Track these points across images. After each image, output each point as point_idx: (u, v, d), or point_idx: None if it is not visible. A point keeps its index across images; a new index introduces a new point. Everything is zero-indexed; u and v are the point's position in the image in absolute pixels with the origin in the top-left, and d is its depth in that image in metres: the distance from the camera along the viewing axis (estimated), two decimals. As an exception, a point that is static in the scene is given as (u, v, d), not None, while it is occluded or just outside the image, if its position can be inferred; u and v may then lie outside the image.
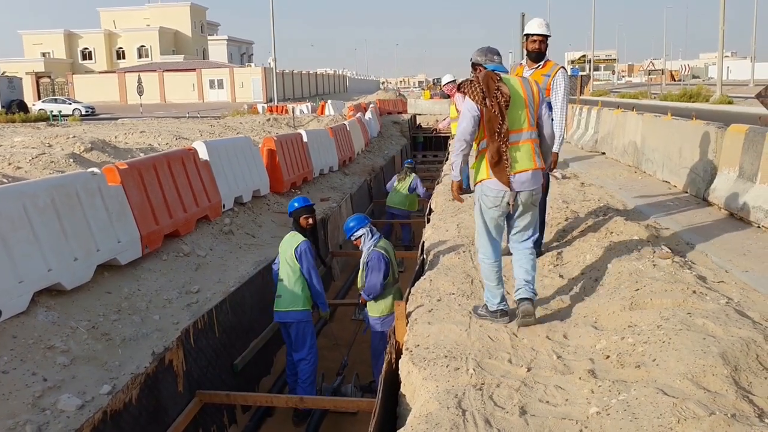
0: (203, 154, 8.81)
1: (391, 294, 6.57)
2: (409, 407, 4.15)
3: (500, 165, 4.24)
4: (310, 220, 6.84)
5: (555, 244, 6.46)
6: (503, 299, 4.55)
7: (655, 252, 5.36)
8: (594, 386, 3.43)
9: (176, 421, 5.02)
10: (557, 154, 5.72)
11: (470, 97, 4.31)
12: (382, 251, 6.57)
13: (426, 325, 4.74)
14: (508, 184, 4.25)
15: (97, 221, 6.15)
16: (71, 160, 12.12)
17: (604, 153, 13.60)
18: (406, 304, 5.40)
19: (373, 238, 6.71)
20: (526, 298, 4.39)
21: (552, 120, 4.73)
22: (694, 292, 4.38)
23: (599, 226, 6.47)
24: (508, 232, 4.65)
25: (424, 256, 7.23)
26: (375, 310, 6.60)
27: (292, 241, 6.60)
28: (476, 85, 4.30)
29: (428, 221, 9.30)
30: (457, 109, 9.87)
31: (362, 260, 6.66)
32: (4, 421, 4.04)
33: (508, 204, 4.33)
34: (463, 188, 9.84)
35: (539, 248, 6.16)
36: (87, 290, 5.91)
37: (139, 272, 6.66)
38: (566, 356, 3.94)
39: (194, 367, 5.49)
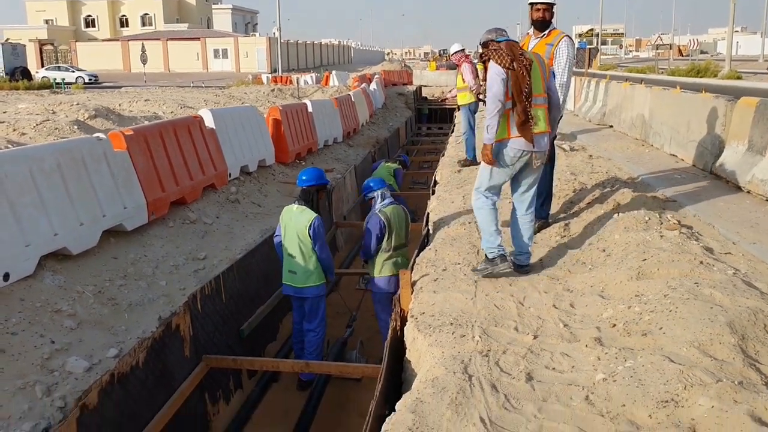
0: (209, 122, 8.77)
1: (383, 257, 6.69)
2: (414, 373, 4.17)
3: (527, 124, 4.54)
4: (322, 195, 6.87)
5: (562, 215, 6.44)
6: (501, 245, 4.82)
7: (662, 223, 5.34)
8: (600, 353, 3.44)
9: (182, 385, 5.06)
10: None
11: (497, 62, 4.52)
12: (382, 216, 6.65)
13: (431, 294, 4.75)
14: (532, 142, 4.57)
15: (103, 187, 6.14)
16: (75, 126, 12.12)
17: (611, 126, 13.51)
18: (411, 273, 5.41)
19: (382, 203, 6.83)
20: (527, 265, 4.98)
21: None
22: (701, 262, 4.37)
23: (607, 197, 6.45)
24: (513, 192, 5.00)
25: (429, 228, 7.22)
26: (376, 270, 6.79)
27: (303, 217, 6.41)
28: (502, 51, 4.55)
29: (433, 193, 9.28)
30: (463, 80, 9.79)
31: (366, 221, 6.90)
32: (14, 381, 4.08)
33: (528, 162, 4.71)
34: (469, 160, 9.89)
35: (546, 219, 6.15)
36: (93, 255, 5.92)
37: (145, 238, 6.67)
38: (573, 324, 3.95)
39: (201, 332, 5.53)
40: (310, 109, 12.97)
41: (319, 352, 6.42)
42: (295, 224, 6.43)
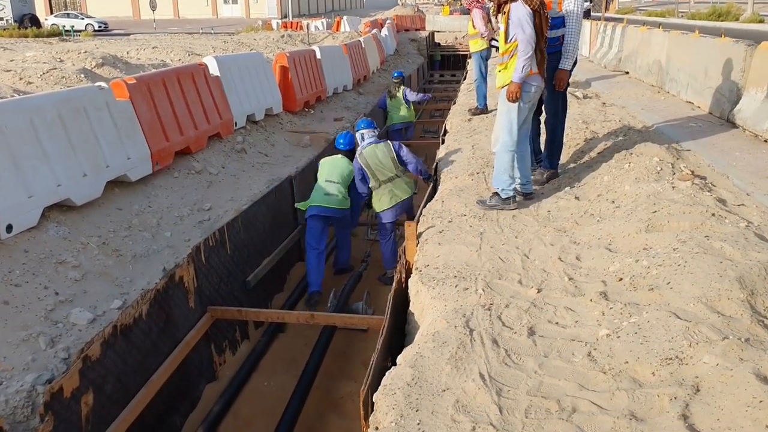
0: (214, 69, 8.60)
1: (378, 195, 7.22)
2: (417, 325, 4.15)
3: (542, 62, 5.05)
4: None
5: (572, 165, 6.31)
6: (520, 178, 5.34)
7: (674, 174, 5.21)
8: (605, 308, 3.37)
9: (187, 336, 5.07)
10: (567, 72, 5.52)
11: (528, 5, 4.85)
12: (360, 160, 7.21)
13: (436, 246, 4.69)
14: (545, 76, 5.14)
15: (106, 137, 6.05)
16: (82, 75, 11.96)
17: (627, 72, 13.16)
18: (417, 224, 5.34)
19: (362, 144, 7.46)
20: (533, 192, 5.52)
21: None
22: (713, 215, 4.26)
23: (619, 147, 6.29)
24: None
25: (437, 177, 7.11)
26: (375, 205, 7.39)
27: (348, 161, 7.60)
28: None
29: (443, 142, 9.13)
30: (474, 26, 9.50)
31: None
32: (18, 332, 4.09)
33: (540, 97, 5.30)
34: (480, 109, 9.70)
35: (556, 169, 6.03)
36: (97, 206, 5.89)
37: (149, 189, 6.62)
38: (578, 278, 3.87)
39: (205, 284, 5.51)
40: (318, 56, 12.70)
41: (349, 260, 8.09)
42: (341, 164, 7.57)
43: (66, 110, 5.62)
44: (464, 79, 17.18)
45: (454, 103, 12.72)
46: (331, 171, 7.51)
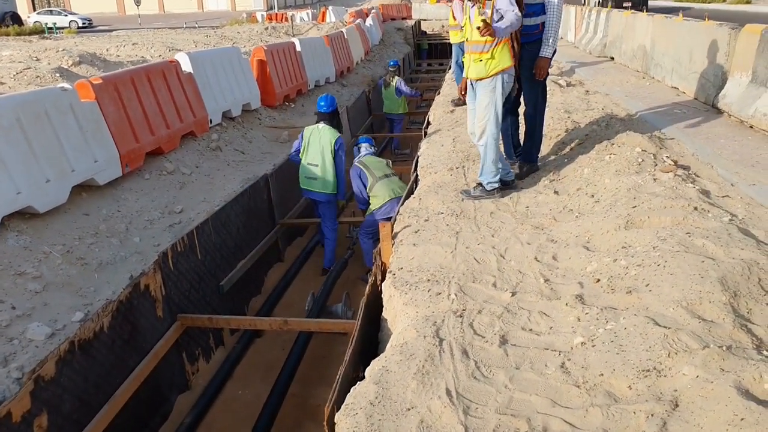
0: (186, 66, 8.36)
1: (375, 188, 7.20)
2: (390, 332, 3.97)
3: (518, 51, 5.07)
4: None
5: (552, 157, 6.13)
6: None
7: (656, 165, 5.04)
8: (581, 313, 3.20)
9: (155, 346, 4.88)
10: (548, 60, 5.35)
11: None
12: (359, 164, 7.36)
13: (411, 247, 4.50)
14: (517, 66, 5.10)
15: (70, 140, 5.83)
16: (58, 74, 11.69)
17: (612, 58, 12.98)
18: (393, 224, 5.15)
19: (358, 155, 7.63)
20: (514, 179, 5.52)
21: None
22: (696, 208, 4.09)
23: (601, 137, 6.12)
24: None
25: (418, 173, 6.92)
26: (370, 209, 7.39)
27: (330, 134, 7.49)
28: None
29: (425, 135, 8.93)
30: (454, 17, 9.29)
31: None
32: (-31, 352, 3.90)
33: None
34: (463, 99, 9.51)
35: (535, 162, 5.85)
36: (63, 213, 5.68)
37: (119, 192, 6.41)
38: (554, 280, 3.70)
39: (174, 291, 5.31)
40: (298, 48, 12.46)
41: (335, 241, 7.93)
42: (321, 138, 7.50)
43: (25, 114, 5.39)
44: (449, 68, 16.96)
45: (439, 92, 12.51)
46: (313, 151, 7.50)
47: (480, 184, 5.30)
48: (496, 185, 5.23)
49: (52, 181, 5.50)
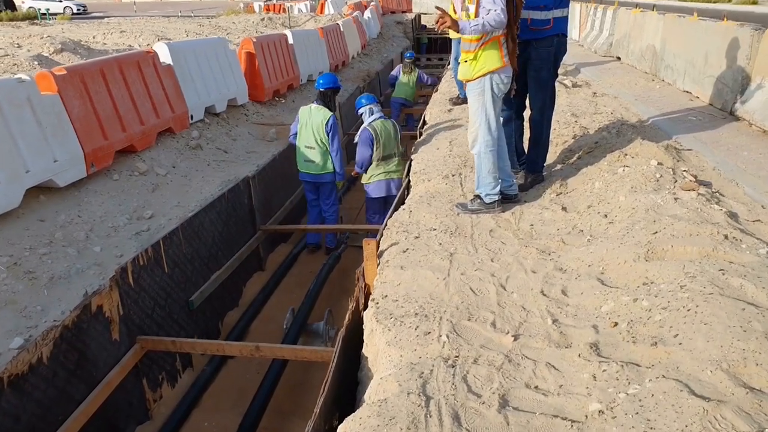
0: (165, 57, 7.78)
1: (374, 165, 7.38)
2: (370, 374, 3.43)
3: (514, 50, 4.49)
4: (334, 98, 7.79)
5: (559, 166, 5.58)
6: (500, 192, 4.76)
7: (676, 181, 4.49)
8: (597, 369, 2.65)
9: (109, 374, 4.32)
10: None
11: None
12: (371, 129, 7.30)
13: (398, 270, 3.95)
14: (517, 68, 4.59)
15: (26, 137, 5.27)
16: (36, 62, 11.10)
17: (619, 58, 12.40)
18: (380, 240, 4.60)
19: (371, 117, 7.44)
20: (517, 193, 4.99)
21: None
22: (726, 237, 3.54)
23: (611, 146, 5.57)
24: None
25: (410, 179, 6.36)
26: (363, 177, 7.60)
27: (321, 114, 7.42)
28: None
29: (420, 135, 8.37)
30: (454, 10, 8.74)
31: (356, 135, 7.54)
32: None
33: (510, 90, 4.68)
34: (461, 98, 8.95)
35: (541, 172, 5.30)
36: (14, 218, 5.12)
37: (82, 195, 5.84)
38: (564, 320, 3.15)
39: (134, 310, 4.75)
40: (290, 41, 11.86)
41: (337, 220, 8.04)
42: (313, 120, 7.42)
43: (-28, 108, 4.84)
44: (449, 64, 16.38)
45: (436, 90, 11.95)
46: (308, 134, 7.45)
47: (478, 197, 4.77)
48: (496, 197, 4.71)
49: (2, 183, 4.95)
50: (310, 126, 7.41)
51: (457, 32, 4.47)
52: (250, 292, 6.92)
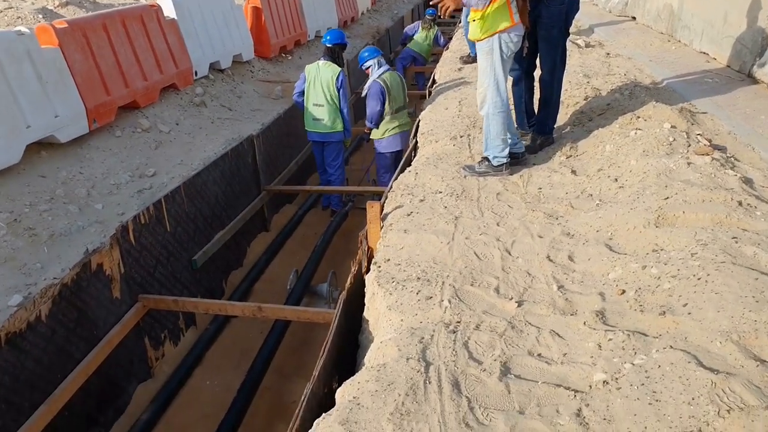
0: (169, 11, 7.60)
1: (387, 120, 7.33)
2: (370, 337, 3.39)
3: (524, 7, 4.37)
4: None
5: (569, 128, 5.44)
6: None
7: (689, 145, 4.35)
8: (602, 338, 2.58)
9: (110, 332, 4.30)
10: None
11: None
12: (381, 82, 7.20)
13: (401, 234, 3.87)
14: (528, 26, 4.45)
15: (26, 92, 5.18)
16: (40, 15, 10.90)
17: (634, 18, 12.06)
18: (384, 202, 4.52)
19: (379, 70, 7.31)
20: (524, 151, 4.87)
21: None
22: (740, 203, 3.43)
23: (624, 108, 5.42)
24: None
25: (417, 139, 6.23)
26: (372, 133, 7.50)
27: (330, 70, 7.34)
28: None
29: (429, 94, 8.21)
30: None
31: (364, 89, 7.45)
32: None
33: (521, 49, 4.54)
34: (472, 57, 8.75)
35: (550, 134, 5.17)
36: (15, 174, 5.06)
37: (84, 151, 5.77)
38: (570, 286, 3.08)
39: (136, 269, 4.71)
40: (298, -5, 11.61)
41: (343, 182, 8.00)
42: (322, 76, 7.33)
43: (-31, 61, 4.74)
44: (460, 22, 16.04)
45: (447, 48, 11.71)
46: (316, 91, 7.36)
47: (486, 159, 4.65)
48: (505, 160, 4.58)
49: (1, 138, 4.87)
50: (319, 83, 7.32)
51: (462, 6, 4.37)
52: (254, 252, 6.88)
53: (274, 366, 4.98)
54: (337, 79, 7.32)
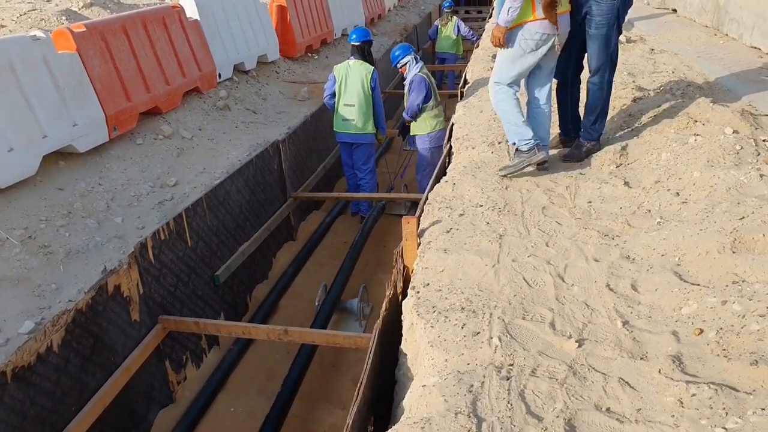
0: (192, 11, 7.34)
1: (433, 113, 7.32)
2: (409, 375, 3.05)
3: (552, 5, 4.09)
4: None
5: (618, 133, 5.04)
6: (535, 135, 4.40)
7: (759, 154, 3.94)
8: (684, 392, 2.22)
9: (129, 357, 4.03)
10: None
11: None
12: (425, 76, 7.20)
13: (441, 254, 3.53)
14: (557, 24, 4.17)
15: (42, 100, 4.94)
16: (64, 17, 10.74)
17: (675, 10, 11.54)
18: (420, 216, 4.18)
19: (417, 65, 7.29)
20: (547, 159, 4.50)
21: None
22: (828, 224, 3.03)
23: (676, 110, 5.01)
24: (530, 83, 4.56)
25: (452, 144, 5.88)
26: (417, 128, 7.41)
27: (362, 68, 7.21)
28: None
29: (461, 96, 7.85)
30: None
31: (406, 84, 7.37)
32: None
33: (551, 47, 4.26)
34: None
35: (597, 140, 4.78)
36: (31, 187, 4.82)
37: (104, 161, 5.52)
38: (636, 322, 2.71)
39: (155, 288, 4.43)
40: (324, -7, 11.30)
41: (374, 187, 7.73)
42: (355, 75, 7.18)
43: (-18, 69, 4.50)
44: (490, 17, 15.63)
45: (477, 46, 11.31)
46: (349, 92, 7.21)
47: (516, 149, 4.43)
48: (532, 141, 4.36)
49: (16, 149, 4.64)
50: (353, 80, 7.18)
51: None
52: (280, 263, 6.58)
53: (302, 392, 4.67)
54: (372, 77, 7.21)
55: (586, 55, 4.64)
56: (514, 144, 4.43)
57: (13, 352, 3.21)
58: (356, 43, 7.38)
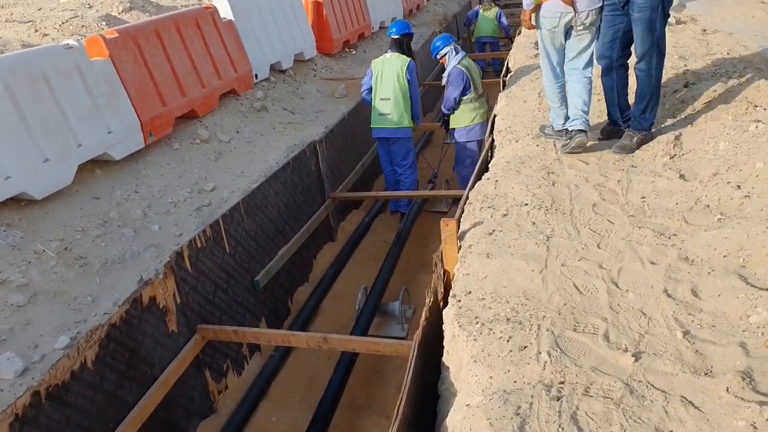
0: (226, 12, 7.26)
1: (472, 106, 7.15)
2: (452, 390, 2.88)
3: None
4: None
5: (669, 121, 4.76)
6: (566, 120, 4.63)
7: (828, 140, 3.63)
8: (757, 415, 1.99)
9: (167, 369, 3.95)
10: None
11: None
12: (463, 68, 7.04)
13: (483, 259, 3.34)
14: (572, 3, 4.22)
15: (76, 109, 4.91)
16: (104, 23, 10.82)
17: (726, -13, 11.02)
18: (461, 216, 4.00)
19: (457, 56, 7.14)
20: (582, 130, 4.42)
21: None
22: None
23: (734, 94, 4.70)
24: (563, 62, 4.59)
25: (494, 137, 5.65)
26: (456, 121, 7.26)
27: (399, 61, 7.10)
28: None
29: (503, 85, 7.59)
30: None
31: (444, 76, 7.24)
32: None
33: (572, 26, 4.31)
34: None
35: (649, 130, 4.50)
36: (68, 197, 4.79)
37: (141, 167, 5.48)
38: (698, 332, 2.48)
39: (193, 297, 4.34)
40: (361, -14, 11.13)
41: (414, 182, 7.55)
42: (391, 68, 7.08)
43: (16, 80, 4.48)
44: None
45: (519, 33, 10.99)
46: (385, 85, 7.07)
47: (564, 130, 4.66)
48: (560, 127, 4.74)
49: (51, 160, 4.61)
50: (390, 74, 7.06)
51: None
52: (320, 264, 6.46)
53: (345, 399, 4.54)
54: (408, 68, 7.06)
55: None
56: (565, 127, 4.64)
57: (47, 369, 3.15)
58: (396, 36, 7.29)
